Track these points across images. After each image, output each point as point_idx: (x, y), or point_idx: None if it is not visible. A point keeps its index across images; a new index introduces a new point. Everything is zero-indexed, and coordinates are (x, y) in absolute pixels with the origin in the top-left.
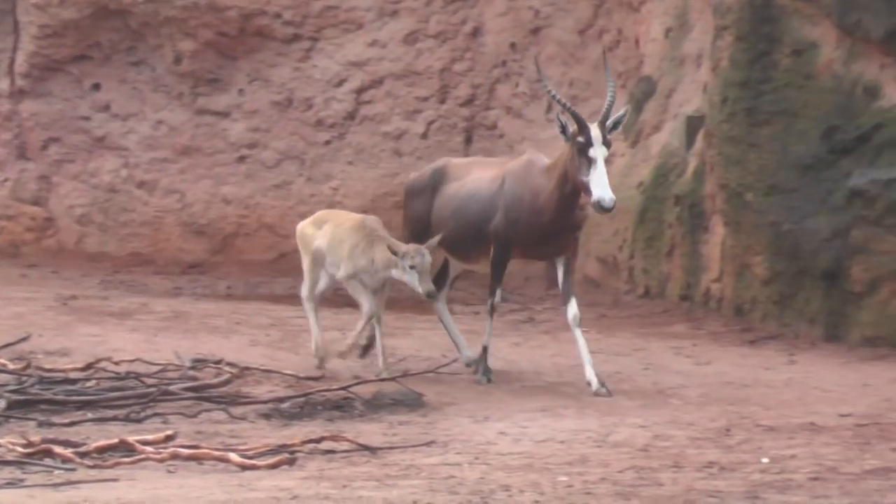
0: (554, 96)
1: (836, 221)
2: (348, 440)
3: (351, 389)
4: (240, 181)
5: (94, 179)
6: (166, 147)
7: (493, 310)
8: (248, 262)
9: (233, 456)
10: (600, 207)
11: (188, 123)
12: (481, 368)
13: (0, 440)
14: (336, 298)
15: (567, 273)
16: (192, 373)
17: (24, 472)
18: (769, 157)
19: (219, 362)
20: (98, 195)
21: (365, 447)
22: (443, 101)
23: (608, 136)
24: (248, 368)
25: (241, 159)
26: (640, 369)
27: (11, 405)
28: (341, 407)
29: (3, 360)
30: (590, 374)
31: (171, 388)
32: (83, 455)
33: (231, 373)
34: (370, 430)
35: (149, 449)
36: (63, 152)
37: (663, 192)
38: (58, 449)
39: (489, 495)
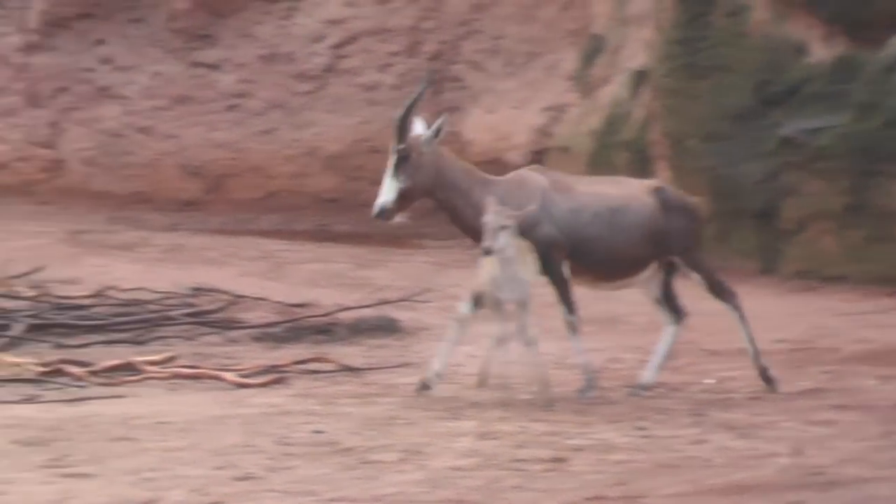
0: None
1: (767, 166)
2: (332, 361)
3: (334, 316)
4: (230, 127)
5: (99, 125)
6: (163, 96)
7: None
8: (237, 200)
9: (228, 375)
10: None
11: (183, 75)
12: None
13: (18, 360)
14: None
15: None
16: (190, 300)
17: (40, 389)
18: (706, 108)
19: (214, 291)
20: (103, 139)
21: (347, 368)
22: (412, 56)
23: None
24: (241, 296)
25: (231, 107)
26: (593, 298)
27: (28, 329)
28: (326, 332)
29: (19, 288)
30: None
31: (172, 313)
32: (93, 374)
33: (225, 300)
34: (352, 353)
35: (152, 369)
36: (70, 100)
37: (613, 138)
38: (70, 368)
39: (459, 412)
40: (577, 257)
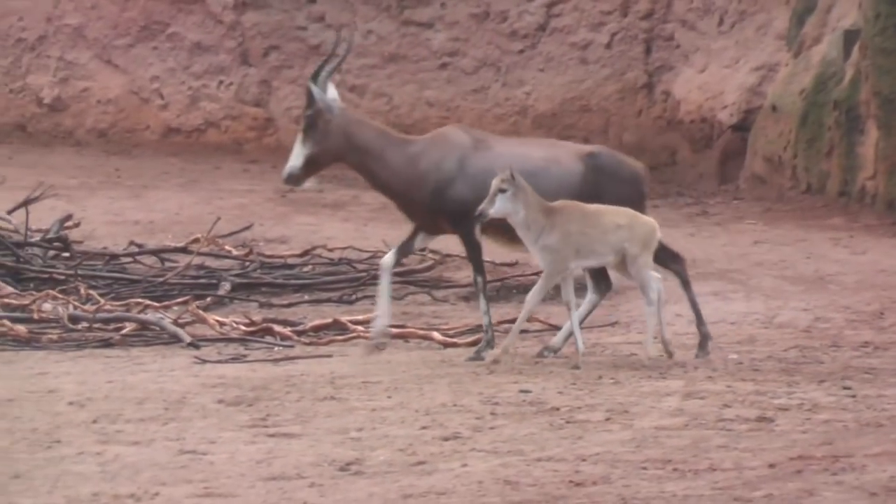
0: None
1: None
2: (540, 321)
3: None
4: (441, 86)
5: None
6: (375, 54)
7: None
8: None
9: (436, 334)
10: None
11: (395, 33)
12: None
13: (225, 319)
14: None
15: None
16: None
17: (247, 349)
18: None
19: (423, 250)
20: None
21: (555, 327)
22: (625, 15)
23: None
24: (448, 255)
25: (443, 66)
26: (801, 258)
27: (235, 288)
28: None
29: (227, 247)
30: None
31: None
32: (300, 333)
33: (434, 259)
34: (559, 312)
35: (360, 328)
36: (282, 59)
37: (823, 98)
38: (277, 328)
39: (667, 371)
40: (493, 219)
